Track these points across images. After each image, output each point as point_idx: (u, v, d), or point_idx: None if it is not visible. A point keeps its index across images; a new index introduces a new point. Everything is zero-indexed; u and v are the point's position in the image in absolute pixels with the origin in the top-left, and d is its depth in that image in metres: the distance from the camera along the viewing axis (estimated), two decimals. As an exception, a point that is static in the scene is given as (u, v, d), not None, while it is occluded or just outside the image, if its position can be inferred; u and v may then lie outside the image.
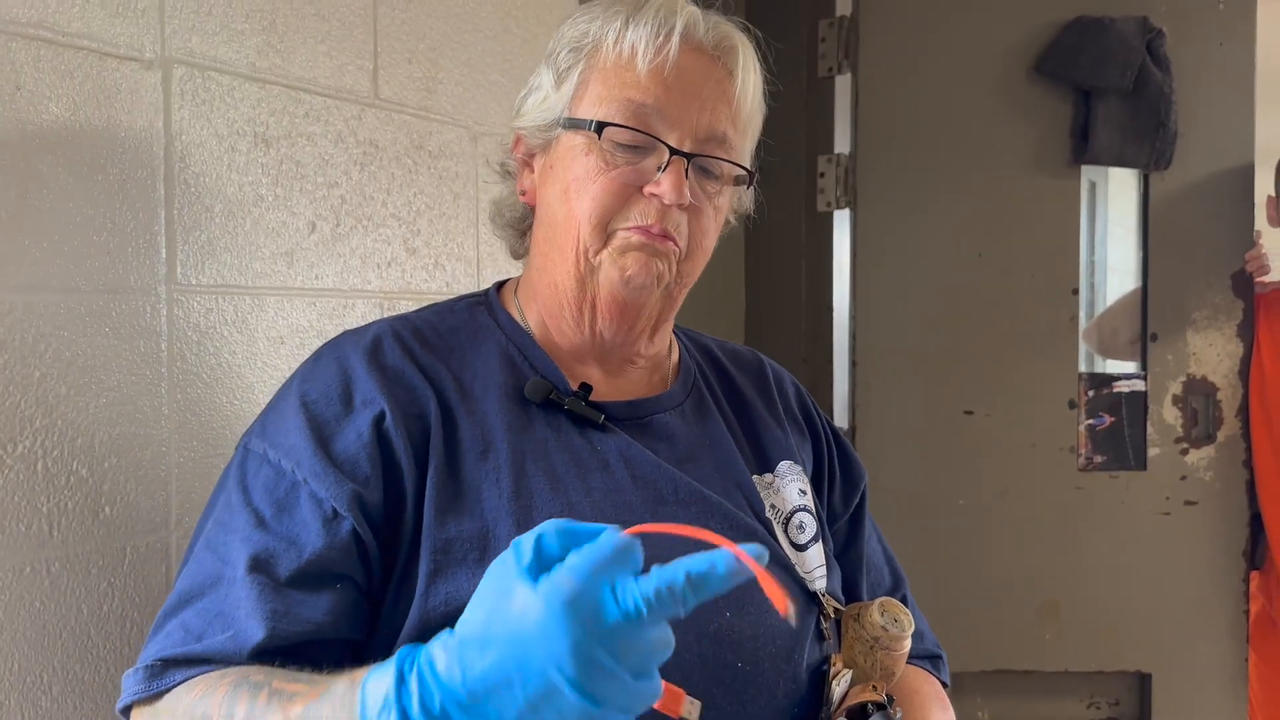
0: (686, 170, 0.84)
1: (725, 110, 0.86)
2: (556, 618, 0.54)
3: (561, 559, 0.56)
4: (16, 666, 0.89)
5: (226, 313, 1.07)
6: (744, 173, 0.90)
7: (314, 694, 0.67)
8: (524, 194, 0.92)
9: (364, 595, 0.79)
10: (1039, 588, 2.14)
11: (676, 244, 0.86)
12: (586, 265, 0.86)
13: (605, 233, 0.85)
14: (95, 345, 0.95)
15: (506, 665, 0.55)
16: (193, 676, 0.74)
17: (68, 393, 0.92)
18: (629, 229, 0.84)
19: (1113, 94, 2.06)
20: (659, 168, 0.84)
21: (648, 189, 0.84)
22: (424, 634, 0.76)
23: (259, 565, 0.76)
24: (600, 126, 0.83)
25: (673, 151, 0.83)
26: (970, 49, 2.11)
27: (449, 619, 0.75)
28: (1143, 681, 2.17)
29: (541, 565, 0.57)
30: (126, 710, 0.77)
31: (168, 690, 0.75)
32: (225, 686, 0.72)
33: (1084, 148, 2.09)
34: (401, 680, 0.58)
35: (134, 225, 0.98)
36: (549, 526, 0.58)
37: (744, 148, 0.90)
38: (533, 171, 0.91)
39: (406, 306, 1.24)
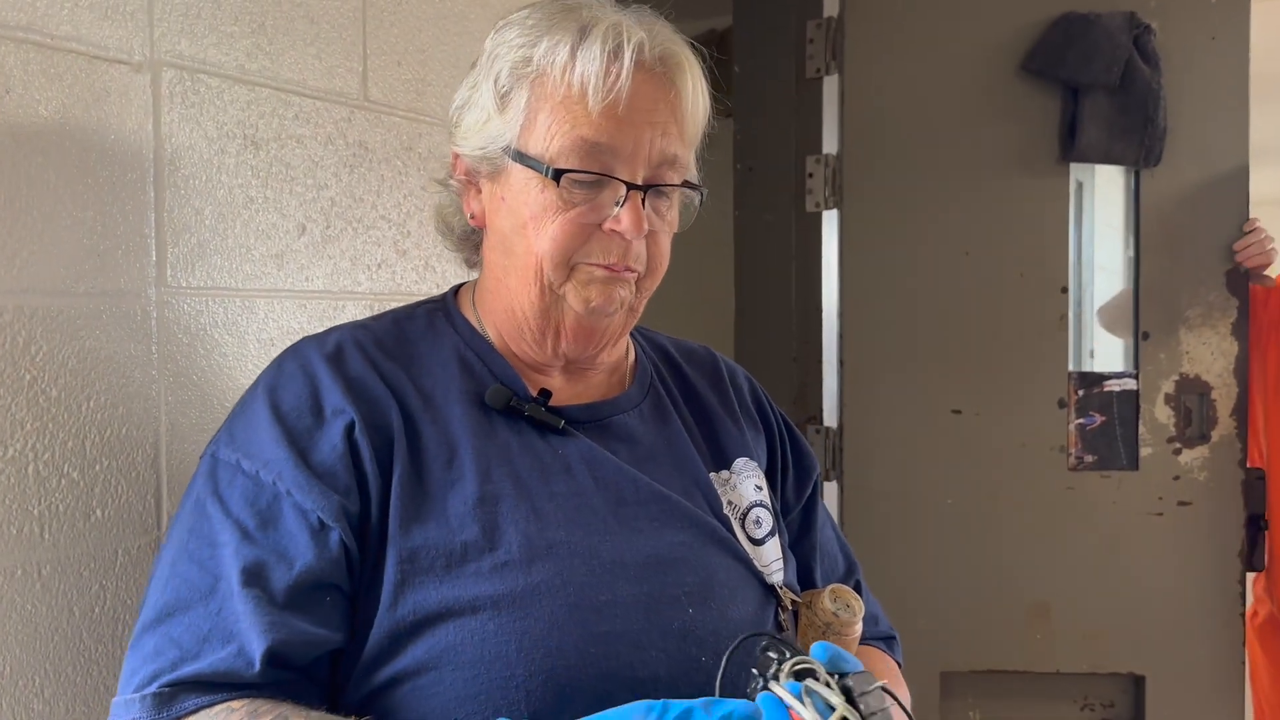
0: (643, 200, 0.84)
1: (676, 130, 0.85)
2: None
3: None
4: (8, 670, 0.89)
5: (217, 315, 1.07)
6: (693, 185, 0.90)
7: None
8: (473, 218, 0.92)
9: (350, 602, 0.79)
10: (1028, 588, 2.14)
11: (636, 270, 0.86)
12: (551, 296, 0.86)
13: (568, 268, 0.85)
14: (86, 348, 0.95)
15: None
16: (208, 705, 0.73)
17: (59, 395, 0.92)
18: (592, 264, 0.85)
19: (1099, 90, 2.05)
20: (616, 202, 0.83)
21: (608, 225, 0.84)
22: (394, 643, 0.77)
23: (253, 578, 0.76)
24: (559, 174, 0.82)
25: (630, 186, 0.83)
26: (958, 47, 2.13)
27: (418, 628, 0.77)
28: (1137, 684, 2.15)
29: None
30: None
31: (180, 718, 0.73)
32: None
33: (1071, 145, 2.09)
34: None
35: (124, 228, 0.98)
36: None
37: (690, 159, 0.89)
38: (479, 193, 0.90)
39: (397, 307, 1.25)
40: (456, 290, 0.98)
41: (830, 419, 2.23)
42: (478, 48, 1.41)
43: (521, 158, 0.84)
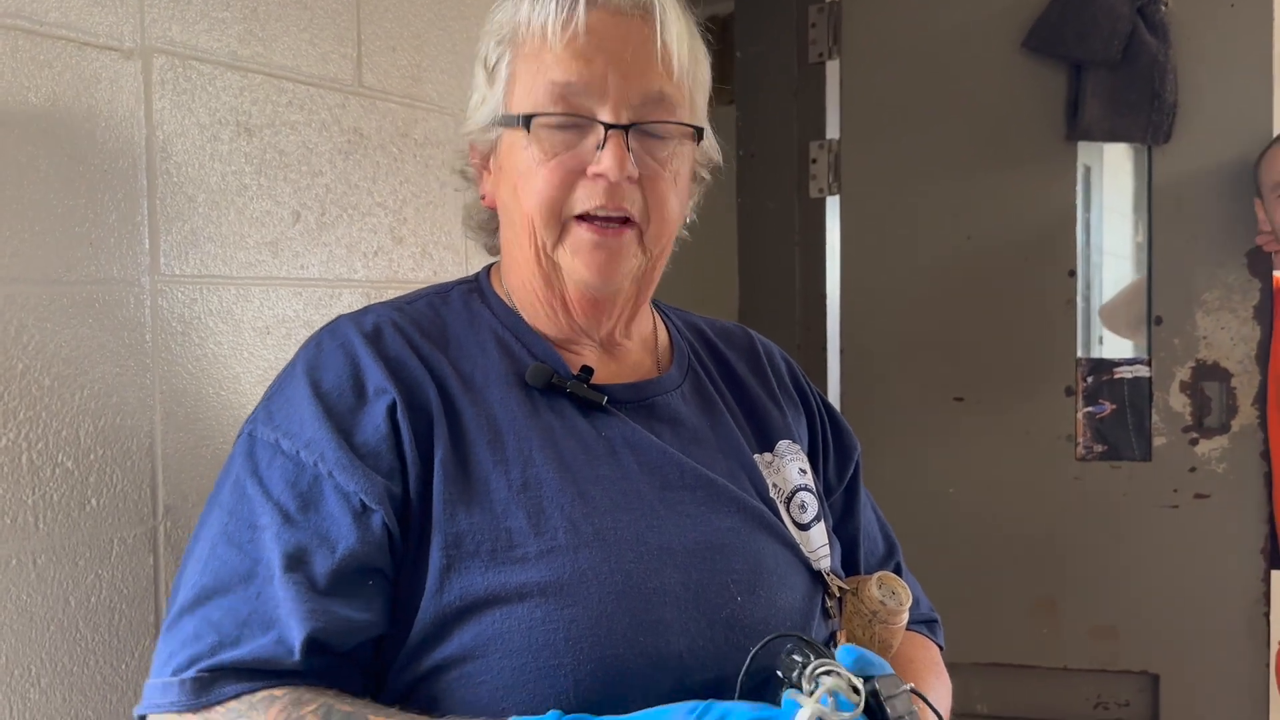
0: (627, 142, 0.81)
1: (655, 69, 0.82)
2: None
3: None
4: (4, 660, 0.89)
5: (211, 303, 1.07)
6: (693, 130, 0.86)
7: None
8: (484, 198, 0.92)
9: (392, 587, 0.78)
10: (1033, 580, 2.09)
11: (634, 222, 0.84)
12: (548, 262, 0.85)
13: (559, 223, 0.83)
14: (79, 337, 0.94)
15: None
16: (248, 692, 0.72)
17: (52, 384, 0.92)
18: (580, 218, 0.83)
19: (1101, 66, 1.98)
20: (598, 146, 0.81)
21: (591, 169, 0.81)
22: (441, 629, 0.76)
23: (294, 564, 0.74)
24: (527, 120, 0.81)
25: (607, 127, 0.81)
26: (960, 27, 2.08)
27: (464, 614, 0.75)
28: (1152, 683, 2.07)
29: None
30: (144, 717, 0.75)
31: (220, 704, 0.72)
32: (313, 716, 0.70)
33: (1075, 124, 2.03)
34: None
35: (116, 216, 0.98)
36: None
37: (690, 103, 0.86)
38: (490, 173, 0.91)
39: (394, 296, 1.24)
40: (489, 269, 0.97)
41: (835, 406, 2.21)
42: (475, 32, 1.40)
43: (505, 119, 0.84)
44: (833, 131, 2.19)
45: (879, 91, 2.13)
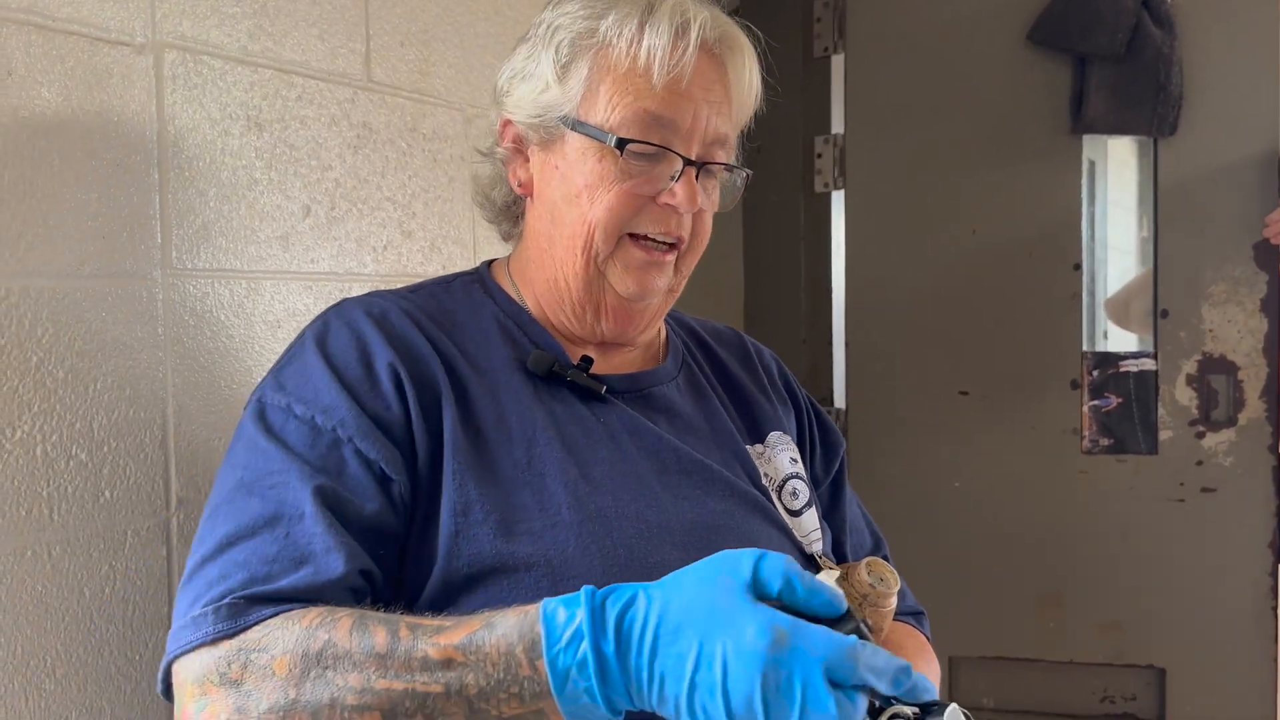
0: (696, 175, 0.86)
1: (728, 110, 0.88)
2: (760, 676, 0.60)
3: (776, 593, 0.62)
4: (19, 650, 0.89)
5: (223, 296, 1.08)
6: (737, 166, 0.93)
7: (468, 627, 0.67)
8: (521, 185, 0.93)
9: (396, 564, 0.80)
10: (1039, 574, 2.09)
11: (679, 248, 0.89)
12: (594, 270, 0.88)
13: (617, 239, 0.87)
14: (92, 330, 0.95)
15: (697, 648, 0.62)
16: (284, 611, 0.71)
17: (65, 377, 0.93)
18: (634, 236, 0.87)
19: (1106, 59, 1.98)
20: (671, 176, 0.86)
21: (662, 199, 0.86)
22: (447, 594, 0.78)
23: (328, 498, 0.75)
24: (622, 143, 0.84)
25: (686, 162, 0.86)
26: (964, 21, 2.08)
27: (471, 582, 0.77)
28: (1159, 677, 2.07)
29: (758, 588, 0.63)
30: (169, 668, 0.73)
31: (254, 625, 0.70)
32: (348, 620, 0.69)
33: (1080, 117, 2.03)
34: (598, 608, 0.63)
35: (128, 210, 0.98)
36: (776, 563, 0.63)
37: (735, 140, 0.92)
38: (527, 161, 0.92)
39: (403, 290, 1.25)
40: (490, 264, 0.99)
41: (840, 401, 2.22)
42: (482, 27, 1.41)
43: (581, 126, 0.86)
44: (837, 126, 2.20)
45: (884, 86, 2.13)
